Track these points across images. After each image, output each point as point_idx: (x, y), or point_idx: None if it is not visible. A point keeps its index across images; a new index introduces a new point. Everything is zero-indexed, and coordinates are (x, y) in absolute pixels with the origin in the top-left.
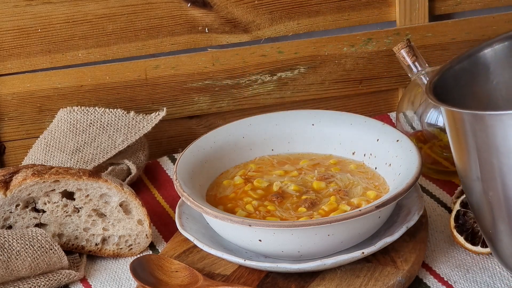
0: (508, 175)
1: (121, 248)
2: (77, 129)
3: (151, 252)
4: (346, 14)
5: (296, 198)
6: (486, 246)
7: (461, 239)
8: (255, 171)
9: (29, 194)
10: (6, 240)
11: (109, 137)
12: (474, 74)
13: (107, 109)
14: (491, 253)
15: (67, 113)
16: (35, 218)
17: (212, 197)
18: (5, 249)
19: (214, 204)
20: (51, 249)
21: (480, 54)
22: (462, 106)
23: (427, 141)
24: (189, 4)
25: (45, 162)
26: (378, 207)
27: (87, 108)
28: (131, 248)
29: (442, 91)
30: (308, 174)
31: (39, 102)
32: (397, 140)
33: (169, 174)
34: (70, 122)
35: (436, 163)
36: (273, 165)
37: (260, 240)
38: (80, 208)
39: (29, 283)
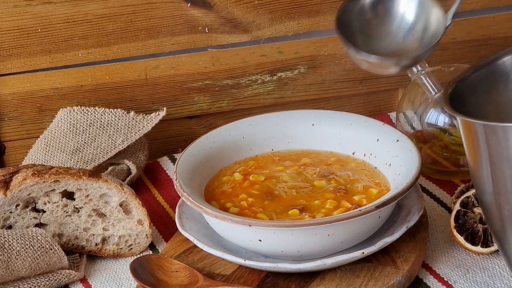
0: None
1: (121, 248)
2: (77, 129)
3: (151, 252)
4: None
5: (293, 194)
6: (486, 246)
7: (461, 239)
8: (255, 168)
9: (29, 194)
10: (6, 240)
11: (109, 137)
12: (492, 82)
13: (107, 109)
14: (491, 253)
15: (67, 113)
16: (35, 218)
17: (210, 193)
18: (5, 249)
19: (209, 200)
20: (51, 249)
21: (499, 61)
22: (477, 116)
23: (427, 141)
24: (189, 4)
25: (45, 162)
26: (378, 207)
27: (87, 108)
28: (131, 248)
29: (459, 100)
30: (308, 172)
31: (39, 102)
32: (397, 140)
33: (169, 174)
34: (70, 122)
35: (436, 163)
36: (274, 162)
37: (260, 240)
38: (80, 208)
39: (29, 283)
